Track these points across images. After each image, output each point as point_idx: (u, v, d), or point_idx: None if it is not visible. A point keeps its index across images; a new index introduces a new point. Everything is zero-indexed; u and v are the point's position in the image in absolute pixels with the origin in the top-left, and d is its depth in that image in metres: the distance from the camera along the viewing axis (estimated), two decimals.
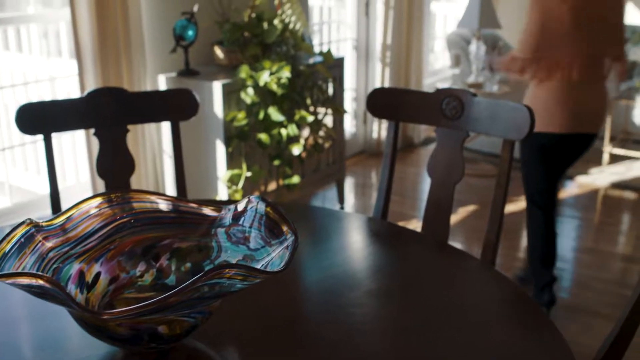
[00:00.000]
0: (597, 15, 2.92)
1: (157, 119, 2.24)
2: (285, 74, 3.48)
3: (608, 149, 5.43)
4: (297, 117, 3.61)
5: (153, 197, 1.34)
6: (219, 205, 1.34)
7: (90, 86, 3.23)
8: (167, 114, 2.20)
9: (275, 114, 3.49)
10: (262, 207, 1.23)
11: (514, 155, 2.02)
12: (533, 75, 3.05)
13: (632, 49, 5.33)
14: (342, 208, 4.58)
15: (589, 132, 3.08)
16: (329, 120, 4.21)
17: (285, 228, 1.18)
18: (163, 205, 1.34)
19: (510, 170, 1.95)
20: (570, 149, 3.15)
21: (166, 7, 3.70)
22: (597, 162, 5.53)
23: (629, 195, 4.92)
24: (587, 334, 3.15)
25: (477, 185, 4.99)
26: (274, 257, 1.17)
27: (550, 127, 3.05)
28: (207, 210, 1.34)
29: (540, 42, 2.93)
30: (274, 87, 3.47)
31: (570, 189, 5.05)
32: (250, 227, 1.25)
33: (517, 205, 4.68)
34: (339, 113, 4.12)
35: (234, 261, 1.25)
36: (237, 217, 1.28)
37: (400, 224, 4.28)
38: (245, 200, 1.28)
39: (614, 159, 5.59)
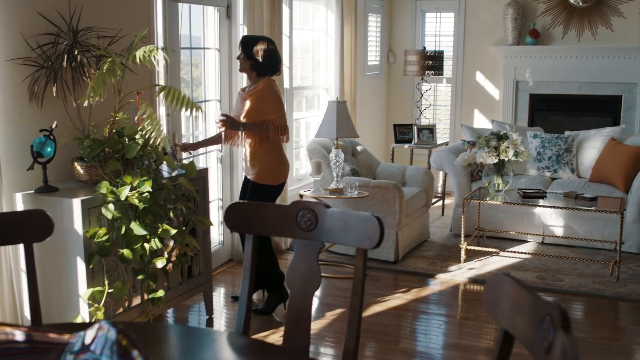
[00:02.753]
0: None
1: (9, 241, 2.18)
2: (147, 188, 3.49)
3: (464, 246, 5.72)
4: (160, 230, 3.59)
5: None
6: (70, 331, 1.32)
7: None
8: (19, 236, 2.15)
9: (137, 229, 3.47)
10: (112, 333, 1.23)
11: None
12: (278, 139, 4.50)
13: (479, 152, 5.73)
14: (210, 319, 4.53)
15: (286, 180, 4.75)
16: (193, 232, 4.21)
17: (136, 353, 1.18)
18: (8, 336, 1.31)
19: (365, 278, 2.03)
20: (280, 190, 4.71)
21: (23, 124, 3.65)
22: (456, 259, 5.80)
23: None
24: None
25: (343, 287, 5.09)
26: None
27: (280, 180, 4.63)
28: (56, 337, 1.32)
29: (286, 119, 4.54)
30: (136, 201, 3.47)
31: (432, 287, 5.24)
32: (100, 354, 1.24)
33: (385, 305, 4.80)
34: (203, 224, 4.14)
35: None
36: (87, 344, 1.26)
37: (268, 332, 4.30)
38: (96, 326, 1.28)
39: (470, 255, 5.89)
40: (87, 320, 3.51)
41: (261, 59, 4.50)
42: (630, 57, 7.65)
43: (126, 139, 3.68)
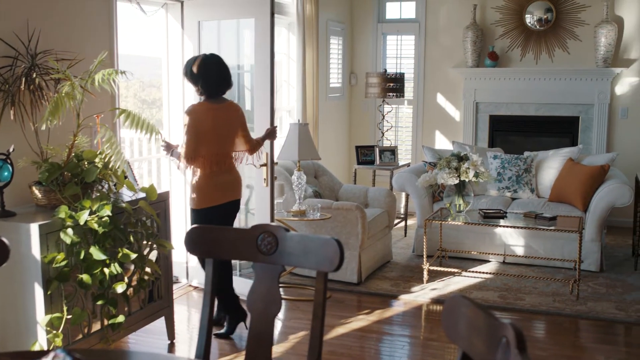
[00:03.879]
0: (224, 129, 4.44)
1: None
2: (106, 212, 3.45)
3: (426, 267, 5.75)
4: (120, 255, 3.55)
5: None
6: (25, 359, 1.30)
7: None
8: None
9: (96, 253, 3.42)
10: None
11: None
12: (194, 168, 4.40)
13: (440, 173, 5.78)
14: (172, 344, 4.47)
15: (235, 199, 4.56)
16: (154, 256, 4.17)
17: None
18: None
19: (326, 301, 2.03)
20: (226, 211, 4.54)
21: None
22: (419, 280, 5.83)
23: None
24: None
25: (306, 310, 5.08)
26: None
27: (211, 203, 4.43)
28: None
29: (196, 145, 4.31)
30: (95, 225, 3.42)
31: (395, 308, 5.25)
32: None
33: (348, 327, 4.79)
34: (164, 248, 4.10)
35: None
36: None
37: (230, 357, 4.26)
38: (52, 354, 1.26)
39: (433, 275, 5.92)
40: (45, 348, 3.44)
41: (201, 84, 4.40)
42: (587, 78, 7.83)
43: (85, 163, 3.64)
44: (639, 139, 7.79)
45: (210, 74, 4.38)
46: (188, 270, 5.64)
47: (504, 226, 5.72)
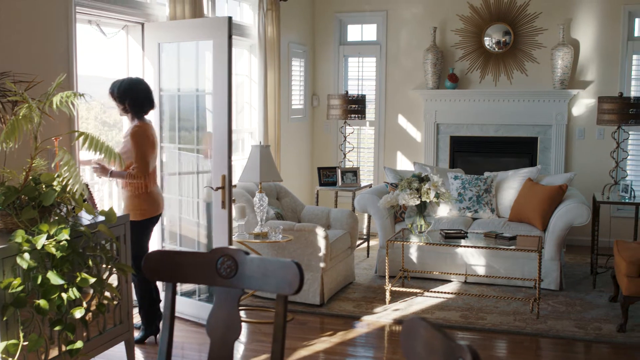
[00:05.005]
0: (155, 147, 4.86)
1: None
2: (65, 236, 3.40)
3: (389, 287, 5.76)
4: (78, 279, 3.50)
5: None
6: None
7: None
8: None
9: (54, 278, 3.36)
10: None
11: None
12: (143, 185, 4.76)
13: (401, 194, 5.82)
14: None
15: (159, 213, 4.97)
16: (114, 280, 4.11)
17: None
18: None
19: (286, 324, 2.03)
20: (153, 224, 4.95)
21: None
22: (381, 301, 5.84)
23: None
24: None
25: (269, 332, 5.04)
26: None
27: (146, 216, 4.81)
28: None
29: (148, 162, 4.72)
30: (53, 250, 3.37)
31: (358, 329, 5.25)
32: None
33: (311, 349, 4.77)
34: (124, 272, 4.05)
35: None
36: None
37: None
38: None
39: (395, 296, 5.94)
40: None
41: (128, 102, 4.73)
42: (545, 100, 7.97)
43: (43, 186, 3.59)
44: (595, 159, 7.95)
45: (137, 94, 4.75)
46: None
47: (465, 246, 5.77)
